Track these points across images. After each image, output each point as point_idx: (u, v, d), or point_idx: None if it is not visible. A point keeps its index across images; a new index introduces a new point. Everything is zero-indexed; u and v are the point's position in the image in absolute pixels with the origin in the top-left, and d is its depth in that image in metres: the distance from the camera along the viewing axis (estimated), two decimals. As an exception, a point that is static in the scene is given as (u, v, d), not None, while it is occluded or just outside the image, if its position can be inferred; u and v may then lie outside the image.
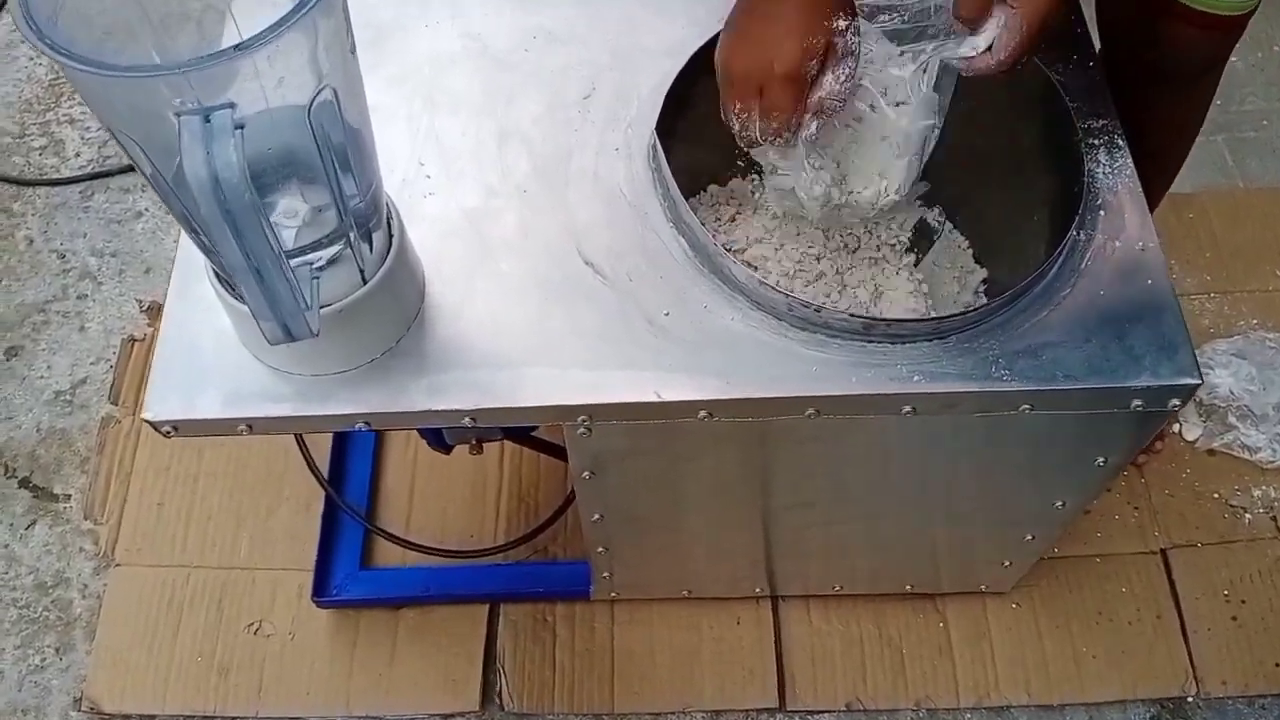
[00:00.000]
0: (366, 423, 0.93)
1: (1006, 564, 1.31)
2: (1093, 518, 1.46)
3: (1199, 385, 0.91)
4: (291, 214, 0.83)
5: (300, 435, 1.40)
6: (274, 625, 1.44)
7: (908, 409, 0.92)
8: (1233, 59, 1.94)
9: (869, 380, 0.91)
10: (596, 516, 1.15)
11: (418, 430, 1.27)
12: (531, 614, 1.43)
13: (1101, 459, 1.03)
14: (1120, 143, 1.04)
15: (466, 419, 0.92)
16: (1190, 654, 1.38)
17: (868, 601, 1.43)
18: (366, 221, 0.84)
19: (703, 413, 0.92)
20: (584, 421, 0.93)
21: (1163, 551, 1.45)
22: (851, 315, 0.90)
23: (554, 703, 1.38)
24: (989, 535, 1.26)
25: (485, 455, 1.52)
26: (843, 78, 0.86)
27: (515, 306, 0.96)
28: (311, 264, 0.82)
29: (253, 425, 0.93)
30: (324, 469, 1.50)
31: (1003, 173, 1.10)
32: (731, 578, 1.39)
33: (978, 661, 1.39)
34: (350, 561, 1.45)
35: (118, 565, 1.48)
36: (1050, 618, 1.41)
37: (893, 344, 0.93)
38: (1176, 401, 0.92)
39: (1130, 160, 1.03)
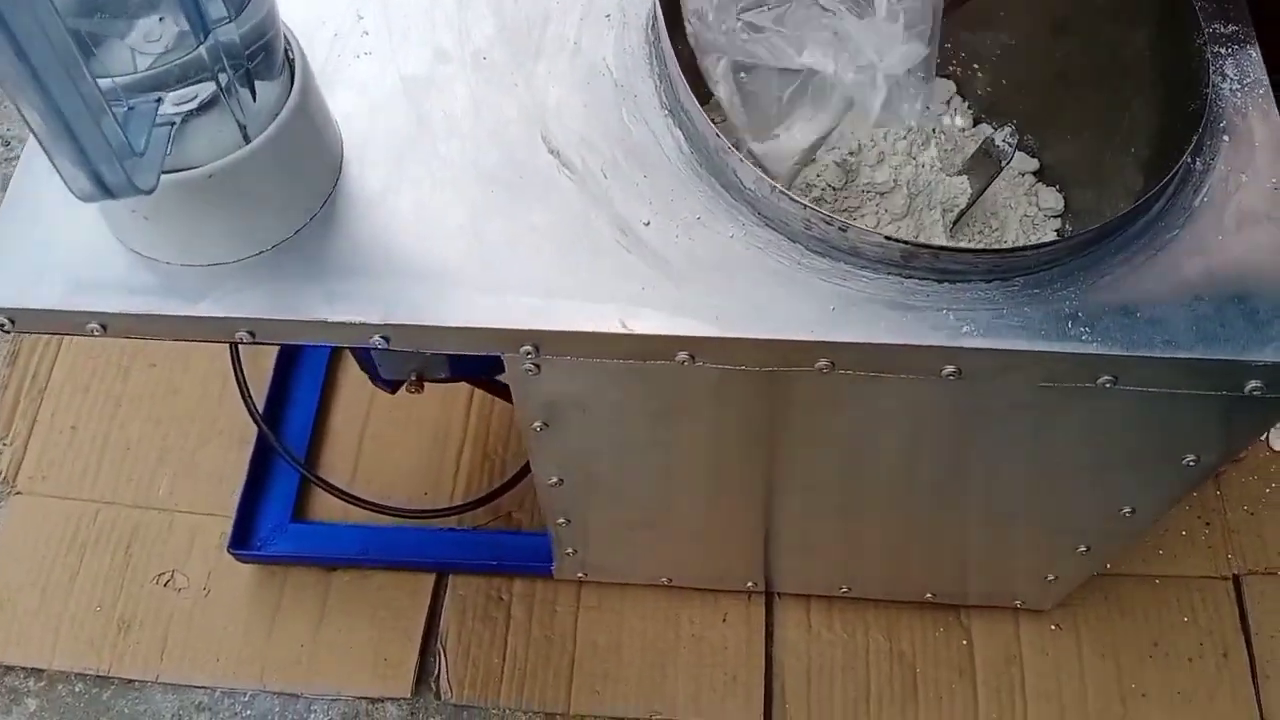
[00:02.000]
0: (250, 331, 0.72)
1: (1050, 578, 1.09)
2: (1156, 531, 1.23)
3: (1346, 370, 0.68)
4: (152, 37, 0.62)
5: (236, 356, 1.20)
6: (187, 577, 1.24)
7: (950, 369, 0.70)
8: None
9: (903, 326, 0.69)
10: (554, 480, 0.94)
11: (355, 360, 1.07)
12: (485, 589, 1.23)
13: (1192, 458, 0.80)
14: (1254, 53, 0.81)
15: (376, 337, 0.71)
16: (1260, 702, 1.15)
17: (879, 607, 1.21)
18: (243, 58, 0.62)
19: (683, 354, 0.71)
20: (529, 354, 0.72)
21: (1235, 578, 1.22)
22: (888, 239, 0.68)
23: (500, 695, 1.17)
24: (1034, 541, 1.03)
25: (452, 401, 1.33)
26: None
27: (453, 200, 0.74)
28: (161, 101, 0.61)
29: (106, 324, 0.72)
30: (263, 399, 1.30)
31: (1097, 86, 0.88)
32: (720, 567, 1.17)
33: (1004, 690, 1.17)
34: (280, 511, 1.25)
35: (18, 493, 1.29)
36: (1095, 645, 1.18)
37: (939, 282, 0.70)
38: (1306, 387, 0.70)
39: (1265, 76, 0.80)
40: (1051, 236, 0.93)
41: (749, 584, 1.20)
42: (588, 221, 0.73)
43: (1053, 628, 1.19)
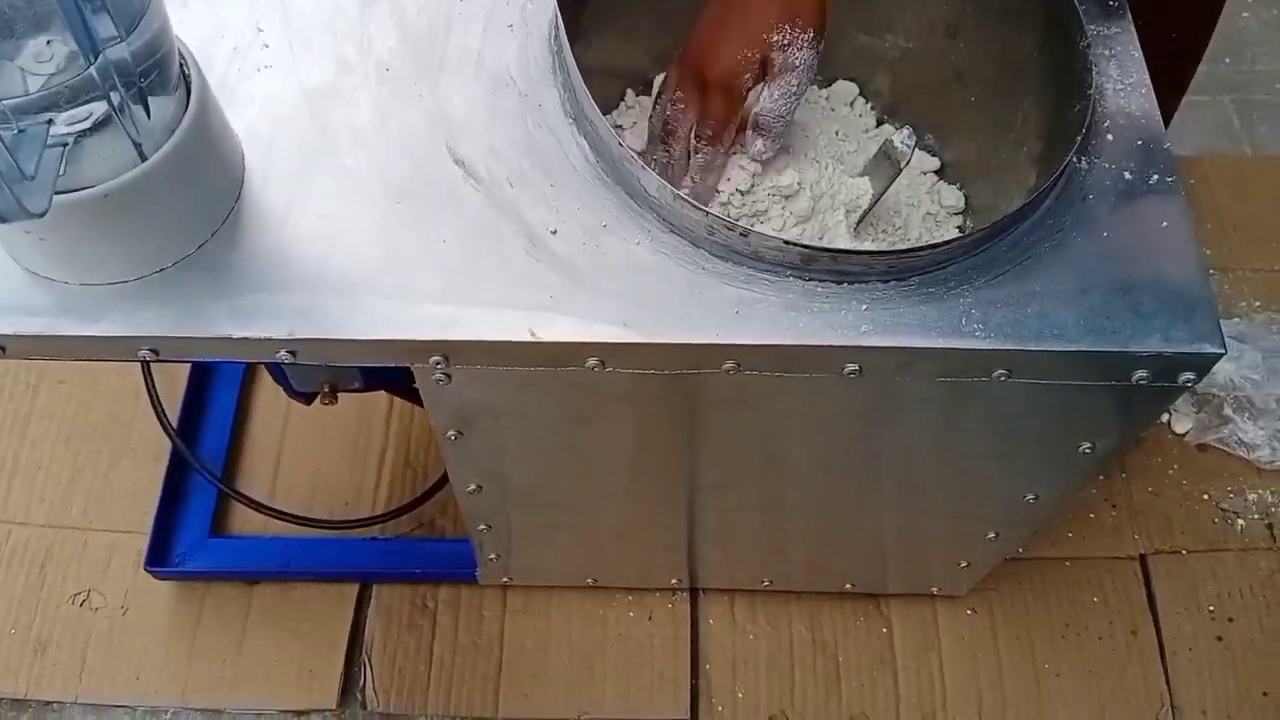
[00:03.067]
0: (153, 350, 0.71)
1: (963, 564, 1.12)
2: (1064, 514, 1.28)
3: (1221, 356, 0.72)
4: (42, 58, 0.61)
5: (147, 371, 1.18)
6: (104, 597, 1.22)
7: (851, 368, 0.72)
8: (1245, 14, 1.77)
9: (805, 328, 0.71)
10: (472, 487, 0.94)
11: (269, 373, 1.06)
12: (409, 598, 1.22)
13: (1088, 445, 0.83)
14: (1135, 53, 0.84)
15: (283, 351, 0.71)
16: (1167, 677, 1.19)
17: (801, 599, 1.23)
18: (135, 76, 0.62)
19: (593, 360, 0.72)
20: (439, 365, 0.72)
21: (1142, 557, 1.27)
22: (787, 243, 0.70)
23: (427, 702, 1.17)
24: (945, 530, 1.06)
25: (371, 410, 1.32)
26: (777, 95, 0.79)
27: (359, 213, 0.74)
28: (52, 123, 0.60)
29: (5, 345, 0.71)
30: (177, 413, 1.28)
31: (992, 87, 0.90)
32: (644, 565, 1.19)
33: (924, 674, 1.20)
34: (198, 526, 1.23)
35: (-76, 517, 1.25)
36: (1009, 628, 1.22)
37: (838, 283, 0.72)
38: (1190, 375, 0.73)
39: (1147, 76, 0.83)
40: (953, 233, 0.95)
41: (673, 581, 1.21)
42: (496, 231, 0.74)
43: (969, 612, 1.23)
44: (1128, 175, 0.78)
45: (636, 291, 0.72)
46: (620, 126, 0.94)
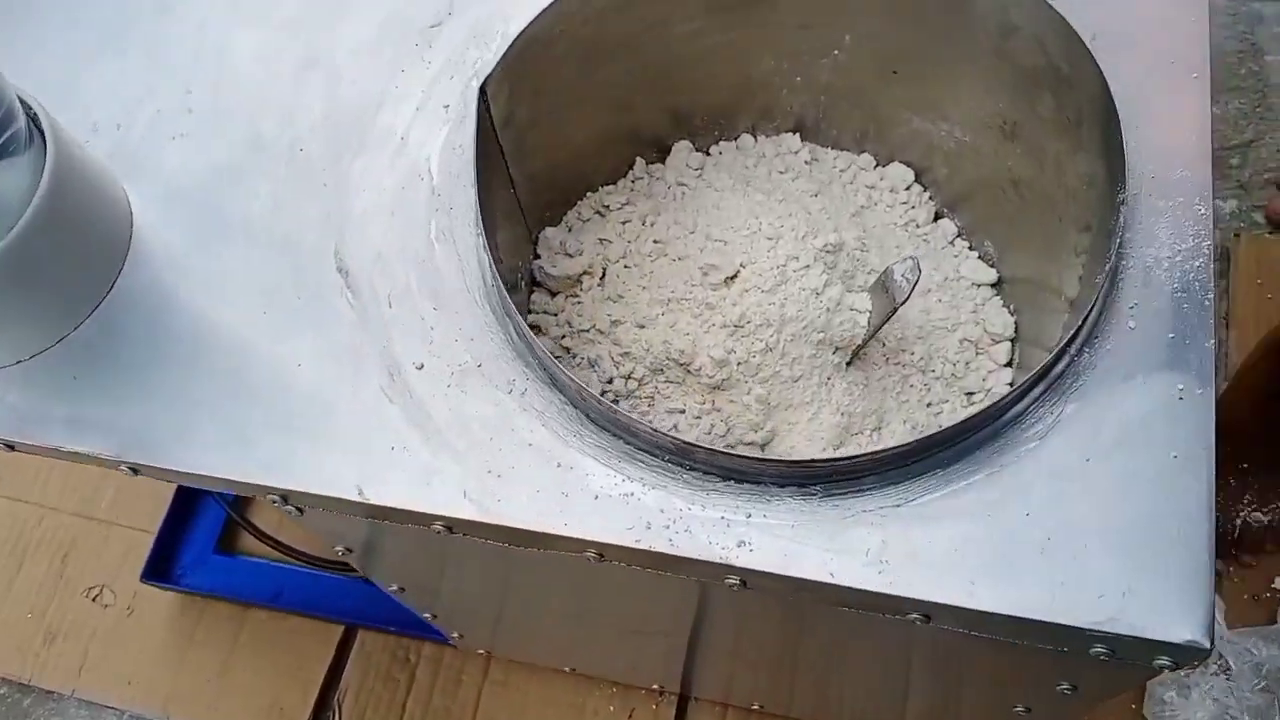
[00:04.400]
0: (7, 444, 0.67)
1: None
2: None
3: (1207, 653, 0.54)
4: None
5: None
6: (115, 594, 1.24)
7: (733, 580, 0.59)
8: None
9: (669, 530, 0.59)
10: (394, 588, 0.87)
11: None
12: (392, 648, 1.18)
13: (1067, 687, 0.67)
14: (1203, 210, 0.65)
15: (123, 468, 0.66)
16: None
17: (801, 727, 1.10)
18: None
19: (438, 525, 0.62)
20: (276, 501, 0.65)
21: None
22: (656, 430, 0.58)
23: (389, 762, 1.13)
24: (949, 707, 0.91)
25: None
26: None
27: (225, 321, 0.67)
28: None
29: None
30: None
31: (1043, 205, 0.75)
32: (625, 666, 1.09)
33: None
34: (204, 542, 1.23)
35: (-27, 489, 1.32)
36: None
37: (725, 479, 0.60)
38: (1167, 661, 0.56)
39: (1206, 243, 0.64)
40: (990, 367, 0.80)
41: (657, 686, 1.11)
42: (357, 359, 0.65)
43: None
44: (1141, 380, 0.60)
45: (490, 455, 0.62)
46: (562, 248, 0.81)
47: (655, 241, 0.79)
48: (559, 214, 0.83)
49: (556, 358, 0.66)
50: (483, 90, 0.67)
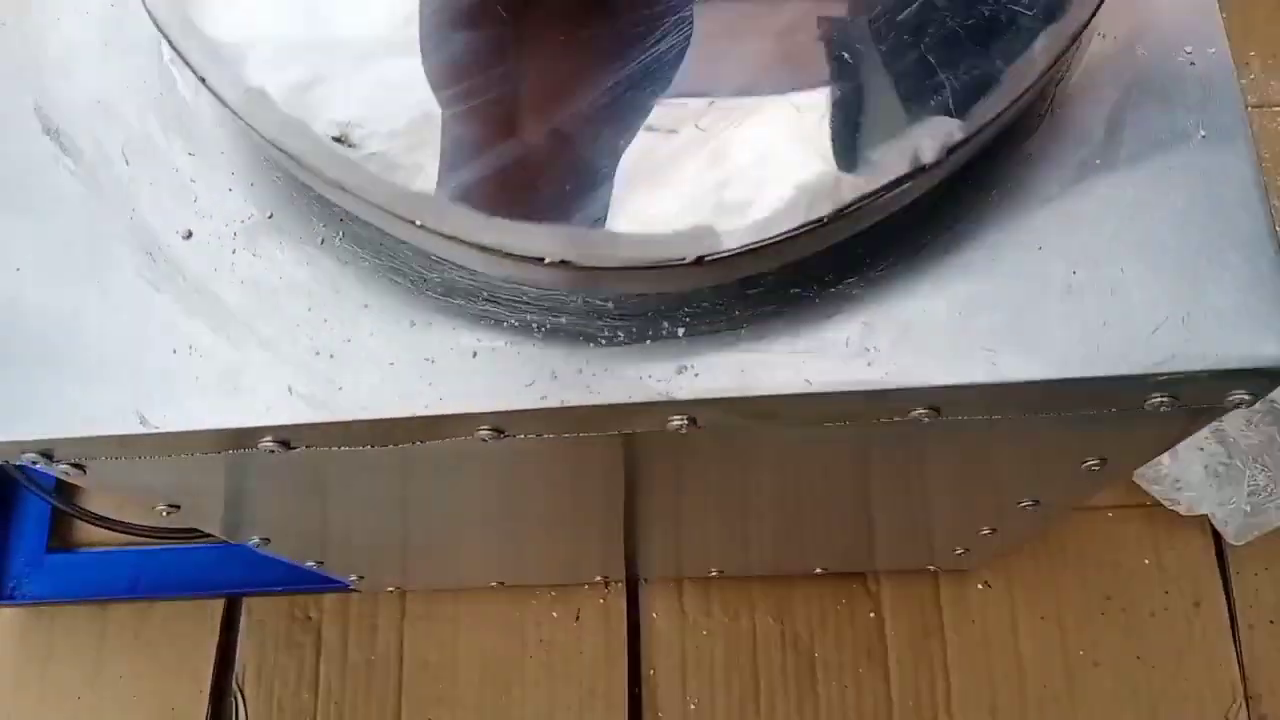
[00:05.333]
0: None
1: (959, 551, 0.85)
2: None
3: (1300, 366, 0.42)
4: None
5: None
6: (-61, 627, 1.03)
7: (678, 420, 0.44)
8: None
9: (583, 377, 0.43)
10: (255, 540, 0.70)
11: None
12: (286, 610, 1.01)
13: (1094, 462, 0.55)
14: None
15: None
16: (1241, 661, 0.92)
17: (766, 582, 0.98)
18: None
19: (267, 441, 0.45)
20: (37, 462, 0.47)
21: (1209, 502, 0.98)
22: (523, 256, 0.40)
23: (316, 738, 0.97)
24: (932, 522, 0.79)
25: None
26: None
27: (-107, 228, 0.47)
28: None
29: None
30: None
31: None
32: (558, 565, 0.94)
33: (923, 670, 0.95)
34: (33, 542, 1.02)
35: None
36: (1033, 605, 0.96)
37: (639, 315, 0.43)
38: (1244, 394, 0.43)
39: None
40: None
41: (599, 577, 0.97)
42: (95, 242, 0.46)
43: (980, 587, 0.96)
44: (1142, 51, 0.46)
45: (313, 331, 0.44)
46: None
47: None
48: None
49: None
50: None
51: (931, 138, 0.40)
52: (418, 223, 0.39)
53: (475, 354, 0.43)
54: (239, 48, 0.41)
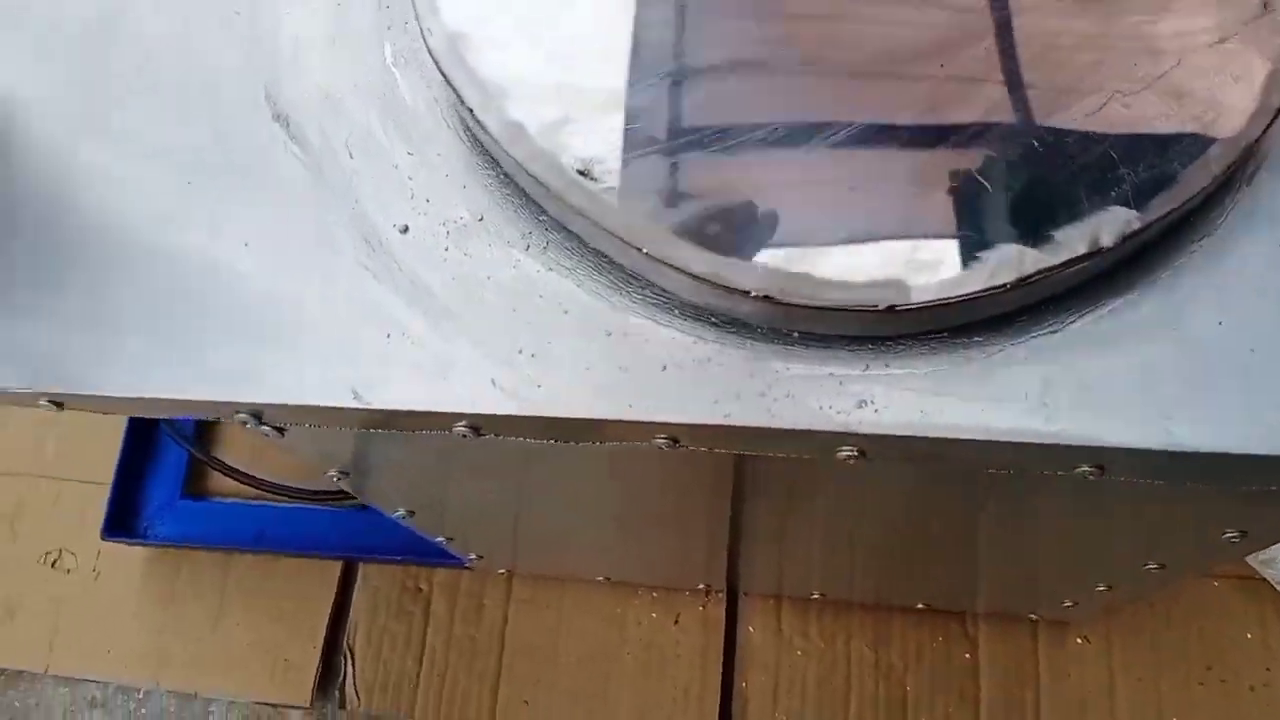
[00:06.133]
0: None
1: (1068, 604, 0.85)
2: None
3: None
4: None
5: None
6: (75, 557, 1.10)
7: (849, 451, 0.46)
8: None
9: (766, 400, 0.45)
10: (400, 513, 0.73)
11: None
12: (400, 580, 1.05)
13: (1234, 534, 0.55)
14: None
15: (43, 401, 0.51)
16: (1346, 745, 0.91)
17: (865, 611, 1.00)
18: None
19: (461, 427, 0.48)
20: (250, 423, 0.51)
21: (1325, 579, 0.96)
22: (733, 287, 0.43)
23: (415, 706, 1.01)
24: (1044, 573, 0.80)
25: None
26: None
27: (134, 201, 0.52)
28: None
29: None
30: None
31: None
32: (664, 568, 0.97)
33: (1014, 715, 0.95)
34: (168, 487, 1.08)
35: (-107, 460, 1.15)
36: (1131, 665, 0.95)
37: (824, 345, 0.46)
38: None
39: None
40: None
41: (702, 585, 1.00)
42: (320, 228, 0.50)
43: (1079, 641, 0.96)
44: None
45: (517, 330, 0.47)
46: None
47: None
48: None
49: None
50: None
51: (1110, 225, 0.43)
52: (643, 250, 0.42)
53: (665, 367, 0.46)
54: (503, 87, 0.45)
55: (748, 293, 0.42)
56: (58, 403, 0.51)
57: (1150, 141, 0.44)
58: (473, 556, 0.93)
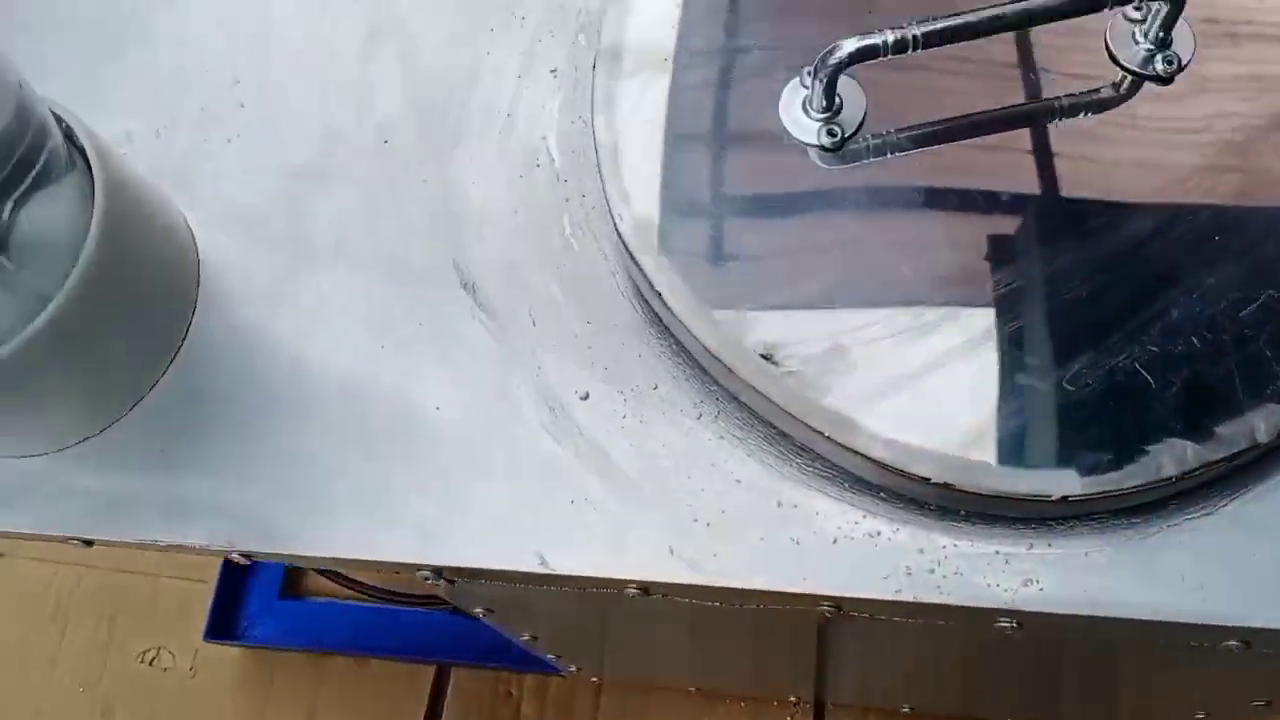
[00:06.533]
0: (83, 541, 0.55)
1: (1167, 729, 0.86)
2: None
3: None
4: None
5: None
6: (174, 655, 1.12)
7: (1006, 624, 0.49)
8: None
9: (933, 575, 0.48)
10: (526, 637, 0.76)
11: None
12: (491, 684, 1.07)
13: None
14: None
15: (235, 554, 0.54)
16: None
17: (954, 724, 1.00)
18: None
19: (633, 590, 0.51)
20: (429, 578, 0.54)
21: None
22: (909, 473, 0.46)
23: (506, 811, 1.03)
24: (1141, 704, 0.81)
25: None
26: None
27: (327, 365, 0.55)
28: None
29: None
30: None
31: None
32: (755, 679, 0.99)
33: (1105, 836, 0.95)
34: (268, 587, 1.11)
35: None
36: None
37: (990, 524, 0.48)
38: None
39: None
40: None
41: (792, 698, 1.01)
42: (505, 394, 0.53)
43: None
44: None
45: (692, 498, 0.50)
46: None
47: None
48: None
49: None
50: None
51: (1267, 421, 0.45)
52: (826, 434, 0.45)
53: (835, 540, 0.49)
54: (694, 281, 0.49)
55: (926, 479, 0.45)
56: (249, 556, 0.54)
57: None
58: (573, 668, 0.95)
